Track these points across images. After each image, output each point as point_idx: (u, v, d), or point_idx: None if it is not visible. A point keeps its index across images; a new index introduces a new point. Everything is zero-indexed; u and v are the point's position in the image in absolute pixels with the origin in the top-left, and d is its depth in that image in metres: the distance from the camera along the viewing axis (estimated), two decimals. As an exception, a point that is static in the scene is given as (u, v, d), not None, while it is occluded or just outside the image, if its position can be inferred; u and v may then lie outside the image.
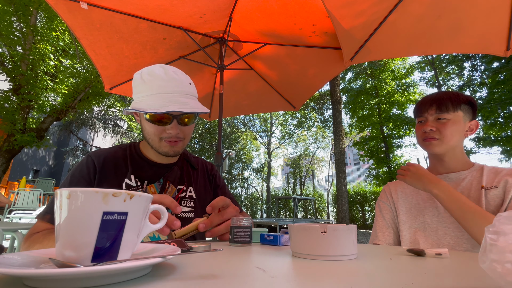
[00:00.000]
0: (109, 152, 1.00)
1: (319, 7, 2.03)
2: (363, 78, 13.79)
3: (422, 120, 1.06)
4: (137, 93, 0.89)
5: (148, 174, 0.99)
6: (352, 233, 0.53)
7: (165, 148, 0.94)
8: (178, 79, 0.88)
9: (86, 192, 0.36)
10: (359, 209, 13.59)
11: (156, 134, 0.92)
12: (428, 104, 1.04)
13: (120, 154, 1.00)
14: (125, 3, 2.03)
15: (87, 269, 0.29)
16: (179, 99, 0.86)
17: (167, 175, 1.01)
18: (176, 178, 1.03)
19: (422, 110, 1.05)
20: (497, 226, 0.27)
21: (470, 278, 0.39)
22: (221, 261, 0.48)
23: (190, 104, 0.87)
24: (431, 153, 1.05)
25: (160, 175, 1.01)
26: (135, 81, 0.90)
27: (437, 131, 1.00)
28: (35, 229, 0.84)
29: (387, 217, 1.11)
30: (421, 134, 1.05)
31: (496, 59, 9.36)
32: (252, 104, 3.51)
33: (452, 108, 0.99)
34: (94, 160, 0.95)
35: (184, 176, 1.07)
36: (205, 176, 1.16)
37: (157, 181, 0.99)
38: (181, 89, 0.88)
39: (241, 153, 19.16)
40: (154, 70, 0.87)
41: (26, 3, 6.75)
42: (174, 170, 1.04)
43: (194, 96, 0.93)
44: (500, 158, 9.74)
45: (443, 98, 1.01)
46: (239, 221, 0.74)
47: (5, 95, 7.23)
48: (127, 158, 1.00)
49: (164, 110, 0.82)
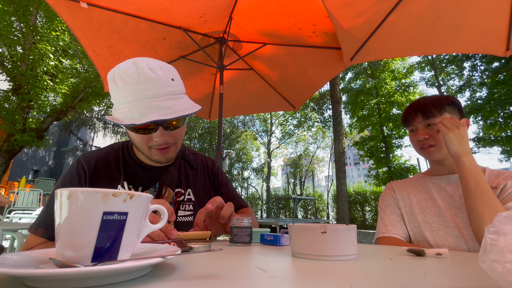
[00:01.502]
0: (100, 156, 0.91)
1: (319, 7, 2.03)
2: (363, 78, 13.79)
3: (414, 129, 1.08)
4: (114, 99, 0.78)
5: (143, 179, 0.92)
6: (352, 233, 0.53)
7: (156, 156, 0.86)
8: (156, 78, 0.75)
9: (86, 192, 0.36)
10: (359, 209, 13.58)
11: (144, 143, 0.83)
12: (413, 112, 1.06)
13: (112, 156, 0.93)
14: (125, 3, 2.03)
15: (87, 269, 0.29)
16: (160, 104, 0.75)
17: (163, 179, 0.94)
18: (173, 181, 0.96)
19: (409, 119, 1.07)
20: (497, 226, 0.27)
21: (470, 278, 0.39)
22: (221, 261, 0.48)
23: (174, 107, 0.76)
24: (431, 160, 1.06)
25: (155, 180, 0.94)
26: (110, 84, 0.78)
27: (431, 137, 1.02)
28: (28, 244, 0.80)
29: (396, 212, 1.09)
30: (417, 143, 1.06)
31: (496, 59, 9.37)
32: (252, 104, 3.52)
33: (437, 112, 1.01)
34: (84, 165, 0.88)
35: (182, 177, 1.00)
36: (206, 175, 1.08)
37: (152, 186, 0.93)
38: (161, 90, 0.75)
39: (241, 153, 19.17)
40: (127, 71, 0.74)
41: (26, 3, 6.75)
42: (170, 172, 0.96)
43: (179, 94, 0.81)
44: (500, 158, 9.74)
45: (426, 104, 1.03)
46: (239, 221, 0.74)
47: (5, 95, 7.23)
48: (119, 162, 0.92)
49: (144, 121, 0.72)
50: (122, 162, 0.92)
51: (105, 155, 0.93)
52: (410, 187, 1.11)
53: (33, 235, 0.80)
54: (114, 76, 0.76)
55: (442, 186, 1.03)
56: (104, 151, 0.94)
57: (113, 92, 0.78)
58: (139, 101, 0.74)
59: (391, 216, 1.08)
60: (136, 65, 0.75)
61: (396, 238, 1.02)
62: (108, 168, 0.90)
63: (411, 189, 1.11)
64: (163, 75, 0.77)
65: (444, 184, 1.03)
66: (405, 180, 1.16)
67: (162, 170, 0.96)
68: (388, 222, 1.07)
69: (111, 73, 0.77)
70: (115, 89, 0.76)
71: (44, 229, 0.79)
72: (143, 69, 0.74)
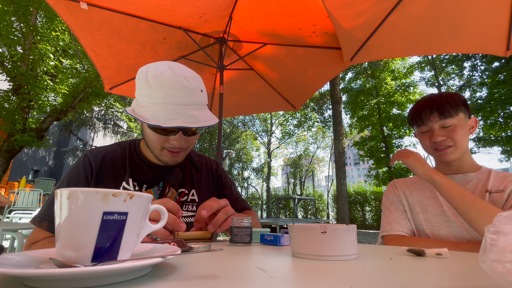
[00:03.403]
0: (107, 151, 0.93)
1: (319, 7, 2.03)
2: (363, 78, 13.80)
3: (427, 130, 1.01)
4: (141, 96, 0.80)
5: (147, 177, 0.94)
6: (352, 233, 0.53)
7: (165, 158, 0.89)
8: (189, 88, 0.79)
9: (86, 192, 0.36)
10: (359, 209, 13.58)
11: (159, 143, 0.86)
12: (428, 111, 0.99)
13: (119, 153, 0.94)
14: (125, 3, 2.03)
15: (87, 269, 0.29)
16: (187, 112, 0.78)
17: (167, 179, 0.96)
18: (177, 181, 0.97)
19: (423, 119, 1.00)
20: (497, 226, 0.27)
21: (470, 278, 0.39)
22: (221, 261, 0.48)
23: (200, 117, 0.80)
24: (446, 161, 1.01)
25: (159, 179, 0.95)
26: (139, 81, 0.80)
27: (449, 138, 0.96)
28: (34, 238, 0.80)
29: (400, 209, 1.07)
30: (431, 144, 1.01)
31: (496, 59, 9.36)
32: (252, 104, 3.52)
33: (454, 113, 0.95)
34: (91, 160, 0.89)
35: (186, 178, 1.01)
36: (210, 176, 1.10)
37: (156, 185, 0.94)
38: (191, 100, 0.79)
39: (241, 153, 19.17)
40: (163, 74, 0.77)
41: (26, 3, 6.75)
42: (175, 172, 0.98)
43: (204, 104, 0.85)
44: (500, 158, 9.74)
45: (442, 103, 0.97)
46: (239, 221, 0.74)
47: (5, 95, 7.23)
48: (126, 159, 0.93)
49: (170, 125, 0.75)
50: (128, 160, 0.93)
51: (112, 152, 0.94)
52: (413, 185, 1.10)
53: (38, 228, 0.81)
54: (147, 75, 0.77)
55: None
56: (111, 148, 0.96)
57: (142, 89, 0.79)
58: (169, 105, 0.77)
59: (395, 214, 1.06)
60: (173, 71, 0.78)
61: (400, 235, 1.00)
62: (115, 164, 0.92)
63: (414, 187, 1.09)
64: (196, 86, 0.81)
65: None
66: (409, 179, 1.15)
67: (167, 170, 0.97)
68: (392, 219, 1.05)
69: (143, 70, 0.79)
70: (145, 87, 0.78)
71: (49, 222, 0.80)
72: (179, 76, 0.78)
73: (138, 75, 0.80)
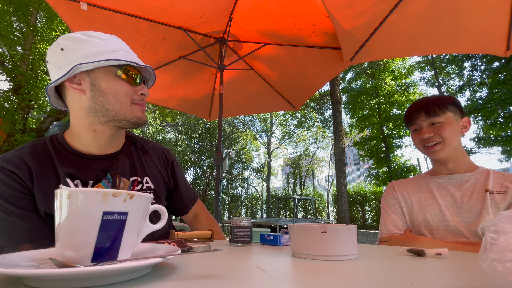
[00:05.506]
0: (23, 154, 0.72)
1: (319, 7, 2.03)
2: (363, 78, 13.79)
3: (417, 129, 1.08)
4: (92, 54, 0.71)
5: (89, 172, 0.77)
6: (352, 233, 0.53)
7: (137, 113, 0.79)
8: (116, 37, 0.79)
9: (86, 192, 0.36)
10: (359, 209, 13.59)
11: (129, 96, 0.77)
12: (416, 111, 1.06)
13: (40, 152, 0.75)
14: (125, 3, 2.03)
15: (87, 269, 0.29)
16: (136, 57, 0.77)
17: (113, 168, 0.81)
18: (126, 169, 0.84)
19: (412, 118, 1.07)
20: (498, 225, 0.27)
21: (470, 278, 0.39)
22: (221, 261, 0.48)
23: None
24: (436, 159, 1.05)
25: (105, 170, 0.80)
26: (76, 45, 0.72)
27: (436, 135, 1.01)
28: None
29: (398, 212, 1.10)
30: (421, 142, 1.06)
31: (496, 59, 9.35)
32: (252, 104, 3.52)
33: (440, 111, 1.01)
34: (12, 170, 0.69)
35: (135, 164, 0.88)
36: (161, 161, 0.99)
37: (104, 178, 0.79)
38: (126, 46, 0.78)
39: (241, 153, 19.16)
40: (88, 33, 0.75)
41: (26, 3, 6.76)
42: (120, 160, 0.83)
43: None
44: (500, 158, 9.74)
45: (429, 104, 1.04)
46: (239, 221, 0.74)
47: (5, 95, 7.23)
48: (51, 157, 0.75)
49: (142, 64, 0.72)
50: (56, 156, 0.75)
51: (31, 149, 0.75)
52: (411, 186, 1.12)
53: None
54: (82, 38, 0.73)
55: (443, 186, 1.03)
56: (25, 148, 0.75)
57: (86, 48, 0.72)
58: (130, 52, 0.76)
59: (393, 216, 1.08)
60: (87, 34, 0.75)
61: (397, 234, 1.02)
62: (40, 164, 0.73)
63: (412, 188, 1.11)
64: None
65: (445, 184, 1.03)
66: (407, 180, 1.16)
67: (110, 158, 0.82)
68: (390, 222, 1.07)
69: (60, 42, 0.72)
70: (82, 42, 0.72)
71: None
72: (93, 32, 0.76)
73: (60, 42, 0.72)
